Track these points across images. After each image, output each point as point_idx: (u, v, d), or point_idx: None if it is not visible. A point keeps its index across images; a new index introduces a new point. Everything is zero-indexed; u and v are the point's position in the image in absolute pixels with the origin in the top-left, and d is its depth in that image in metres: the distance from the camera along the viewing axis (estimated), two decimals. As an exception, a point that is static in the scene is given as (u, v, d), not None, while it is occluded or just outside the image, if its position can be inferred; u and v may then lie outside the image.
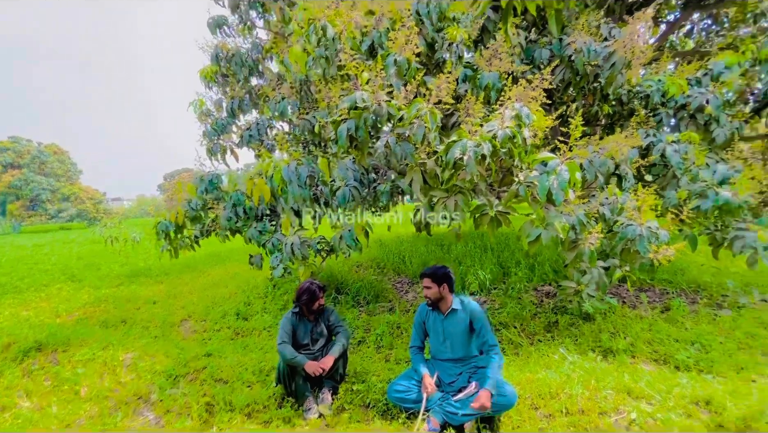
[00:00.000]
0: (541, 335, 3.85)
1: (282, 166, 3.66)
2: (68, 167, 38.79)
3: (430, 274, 2.73)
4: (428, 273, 2.75)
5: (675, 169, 3.87)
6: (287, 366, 2.84)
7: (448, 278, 2.73)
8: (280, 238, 4.61)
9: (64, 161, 38.66)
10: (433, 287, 2.70)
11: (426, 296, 2.74)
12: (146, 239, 5.56)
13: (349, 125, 2.80)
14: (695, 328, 3.62)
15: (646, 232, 3.23)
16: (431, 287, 2.71)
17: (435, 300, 2.73)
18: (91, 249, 12.61)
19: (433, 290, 2.71)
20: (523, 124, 2.83)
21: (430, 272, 2.74)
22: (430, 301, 2.74)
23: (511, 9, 2.55)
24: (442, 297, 2.72)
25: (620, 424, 2.36)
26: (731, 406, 2.37)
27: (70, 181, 38.38)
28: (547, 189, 2.75)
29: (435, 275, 2.71)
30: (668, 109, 4.21)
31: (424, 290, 2.75)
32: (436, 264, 2.84)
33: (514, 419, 2.50)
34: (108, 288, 6.87)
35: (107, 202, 40.87)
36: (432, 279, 2.71)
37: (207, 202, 5.28)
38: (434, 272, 2.73)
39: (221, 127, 5.67)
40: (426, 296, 2.74)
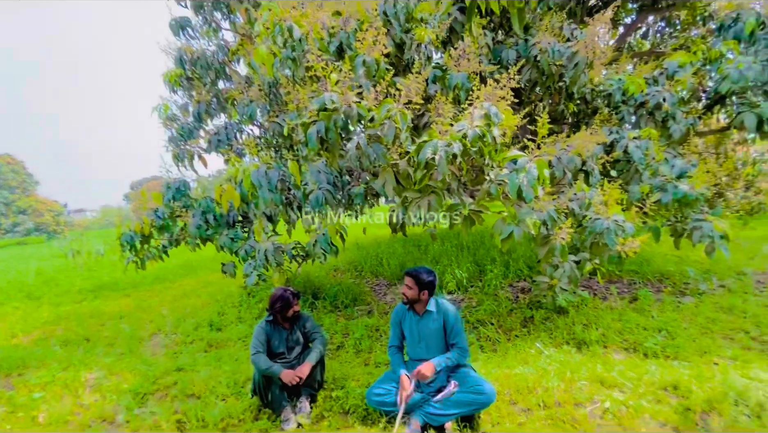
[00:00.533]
0: (518, 330, 3.91)
1: (251, 171, 3.56)
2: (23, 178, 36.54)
3: (415, 276, 2.66)
4: (413, 274, 2.68)
5: (637, 165, 4.03)
6: (263, 376, 2.74)
7: (432, 285, 2.68)
8: (253, 244, 4.48)
9: (18, 172, 36.39)
10: (414, 289, 2.66)
11: (404, 293, 2.70)
12: (111, 251, 5.28)
13: (319, 127, 2.75)
14: (661, 316, 3.77)
15: (613, 225, 3.34)
16: (412, 289, 2.66)
17: (412, 301, 2.71)
18: (51, 264, 11.90)
19: (413, 291, 2.66)
20: (492, 123, 2.86)
21: (416, 274, 2.67)
22: (407, 300, 2.72)
23: (474, 8, 2.57)
24: (420, 300, 2.70)
25: (595, 414, 2.41)
26: (697, 389, 2.48)
27: (26, 193, 36.15)
28: (518, 186, 2.80)
29: (419, 279, 2.65)
30: (629, 107, 4.38)
31: (404, 287, 2.70)
32: (424, 266, 2.77)
33: (493, 416, 2.51)
34: (69, 305, 6.49)
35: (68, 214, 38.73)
36: (416, 281, 2.65)
37: (175, 210, 5.07)
38: (419, 275, 2.66)
39: (188, 132, 5.48)
40: (404, 293, 2.70)
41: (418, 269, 2.71)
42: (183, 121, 5.56)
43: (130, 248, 4.83)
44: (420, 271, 2.70)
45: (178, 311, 5.54)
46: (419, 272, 2.69)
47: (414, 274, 2.68)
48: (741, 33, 4.26)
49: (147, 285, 7.52)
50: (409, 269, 2.73)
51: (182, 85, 5.54)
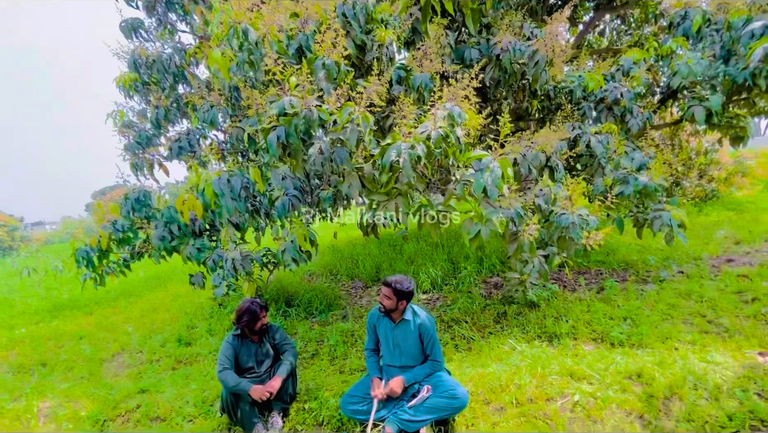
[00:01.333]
0: (492, 327, 3.94)
1: (213, 179, 3.43)
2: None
3: (393, 287, 2.56)
4: (391, 284, 2.57)
5: (600, 159, 4.15)
6: (231, 394, 2.64)
7: (410, 295, 2.61)
8: (221, 254, 4.32)
9: (-33, 185, 33.96)
10: (392, 300, 2.58)
11: (381, 302, 2.65)
12: (70, 267, 4.98)
13: (279, 133, 2.67)
14: (626, 304, 3.90)
15: (578, 219, 3.42)
16: (391, 299, 2.58)
17: (389, 310, 2.65)
18: (6, 283, 11.13)
19: (391, 301, 2.59)
20: (455, 124, 2.86)
21: (393, 285, 2.57)
22: (384, 309, 2.66)
23: (429, 9, 2.56)
24: (397, 309, 2.64)
25: (565, 407, 2.45)
26: (659, 376, 2.56)
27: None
28: (483, 186, 2.81)
29: (398, 290, 2.56)
30: (589, 103, 4.50)
31: (381, 296, 2.63)
32: (402, 275, 2.66)
33: (467, 417, 2.51)
34: (25, 327, 6.07)
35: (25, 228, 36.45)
36: (394, 292, 2.57)
37: (135, 221, 4.83)
38: (397, 287, 2.56)
39: (146, 139, 5.23)
40: (381, 302, 2.65)
41: (396, 279, 2.60)
42: (140, 128, 5.29)
43: (87, 263, 4.56)
44: (398, 280, 2.59)
45: (144, 327, 5.29)
46: (397, 282, 2.57)
47: (391, 284, 2.58)
48: (689, 30, 4.45)
49: (111, 301, 7.14)
50: (388, 279, 2.61)
51: (138, 91, 5.27)
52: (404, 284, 2.58)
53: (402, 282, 2.58)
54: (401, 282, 2.58)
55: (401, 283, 2.58)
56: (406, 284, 2.59)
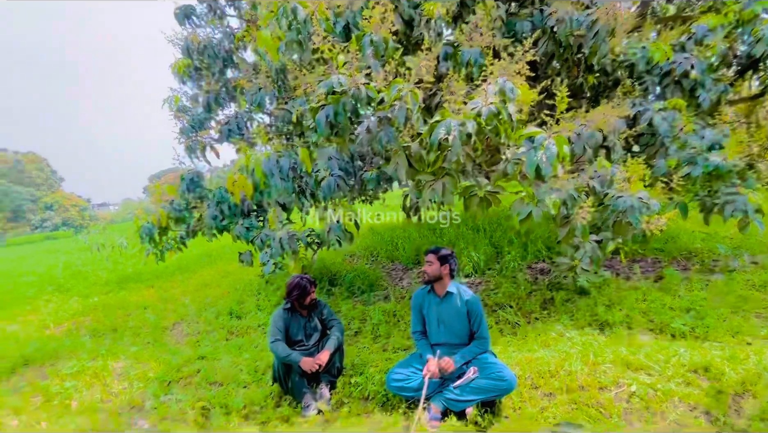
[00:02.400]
0: (538, 312, 3.83)
1: (262, 160, 3.53)
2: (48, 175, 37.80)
3: (435, 251, 2.74)
4: (434, 250, 2.75)
5: (663, 138, 3.82)
6: (282, 364, 2.77)
7: (453, 259, 2.73)
8: (268, 233, 4.50)
9: (43, 169, 37.64)
10: (435, 264, 2.69)
11: (425, 271, 2.72)
12: (133, 244, 5.40)
13: (328, 112, 2.68)
14: (689, 295, 3.63)
15: (637, 203, 3.19)
16: (433, 264, 2.69)
17: (433, 278, 2.70)
18: (79, 257, 12.33)
19: (435, 266, 2.69)
20: (507, 100, 2.74)
21: (435, 249, 2.75)
22: (428, 277, 2.70)
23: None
24: (441, 277, 2.68)
25: (621, 397, 2.35)
26: (729, 371, 2.37)
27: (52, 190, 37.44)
28: (536, 165, 2.68)
29: (439, 253, 2.71)
30: (653, 77, 4.13)
31: (425, 265, 2.73)
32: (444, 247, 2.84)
33: (515, 401, 2.48)
34: (97, 296, 6.71)
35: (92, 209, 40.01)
36: (436, 256, 2.70)
37: (190, 201, 5.12)
38: (439, 250, 2.73)
39: (199, 123, 5.48)
40: (425, 271, 2.72)
41: (437, 246, 2.79)
42: (193, 112, 5.55)
43: (149, 240, 4.92)
44: (439, 247, 2.77)
45: (199, 300, 5.66)
46: (438, 247, 2.76)
47: (434, 250, 2.75)
48: (778, -10, 3.92)
49: (168, 276, 7.70)
50: (428, 248, 2.81)
51: (191, 76, 5.51)
52: (444, 249, 2.76)
53: (442, 248, 2.77)
54: (441, 248, 2.77)
55: (441, 248, 2.75)
56: (446, 249, 2.76)
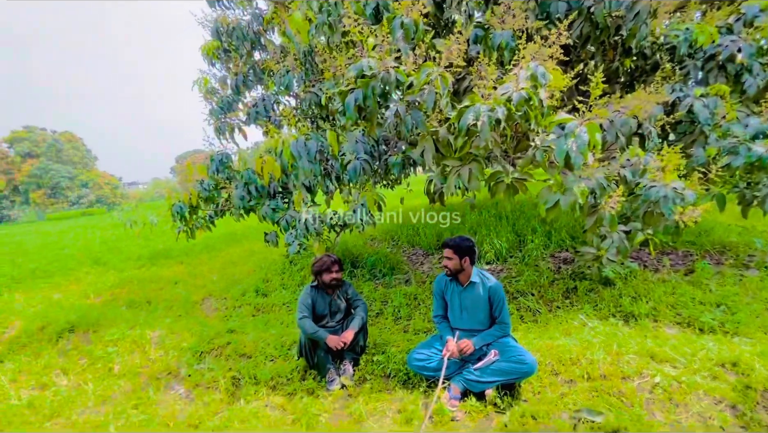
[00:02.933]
0: (560, 301, 3.81)
1: (290, 142, 3.60)
2: (83, 154, 39.45)
3: (453, 245, 2.65)
4: (451, 244, 2.66)
5: (703, 126, 3.65)
6: (309, 340, 2.89)
7: (472, 251, 2.65)
8: (294, 215, 4.61)
9: (78, 148, 39.28)
10: (455, 259, 2.64)
11: (446, 266, 2.69)
12: (163, 221, 5.64)
13: (357, 95, 2.70)
14: (720, 290, 3.52)
15: (671, 193, 3.09)
16: (452, 259, 2.64)
17: (455, 271, 2.69)
18: (113, 233, 12.96)
19: (454, 261, 2.65)
20: (539, 85, 2.68)
21: (453, 244, 2.65)
22: (450, 272, 2.70)
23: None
24: (463, 269, 2.67)
25: (643, 387, 2.34)
26: (760, 367, 2.32)
27: (87, 168, 39.14)
28: (565, 152, 2.63)
29: (458, 247, 2.63)
30: (696, 61, 3.93)
31: (444, 260, 2.68)
32: (460, 235, 2.74)
33: (534, 386, 2.51)
34: (131, 270, 7.09)
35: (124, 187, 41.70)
36: (454, 251, 2.64)
37: (219, 182, 5.28)
38: (458, 244, 2.64)
39: (227, 104, 5.59)
40: (446, 266, 2.69)
41: (454, 238, 2.70)
42: (222, 94, 5.66)
43: (180, 217, 5.13)
44: (456, 240, 2.68)
45: (226, 277, 5.90)
46: (456, 241, 2.67)
47: (451, 244, 2.67)
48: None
49: (197, 253, 8.03)
50: (446, 240, 2.72)
51: (220, 58, 5.60)
52: (462, 241, 2.64)
53: (460, 240, 2.66)
54: (458, 240, 2.66)
55: (459, 240, 2.65)
56: (464, 241, 2.65)
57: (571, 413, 2.23)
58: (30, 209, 33.76)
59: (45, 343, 3.87)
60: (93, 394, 3.02)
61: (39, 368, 3.48)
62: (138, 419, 2.56)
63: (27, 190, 35.51)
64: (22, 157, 36.29)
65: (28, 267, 8.11)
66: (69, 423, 2.66)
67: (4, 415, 2.81)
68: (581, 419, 2.15)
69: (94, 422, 2.61)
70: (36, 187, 35.60)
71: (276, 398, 2.73)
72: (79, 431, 2.55)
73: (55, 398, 3.00)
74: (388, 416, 2.45)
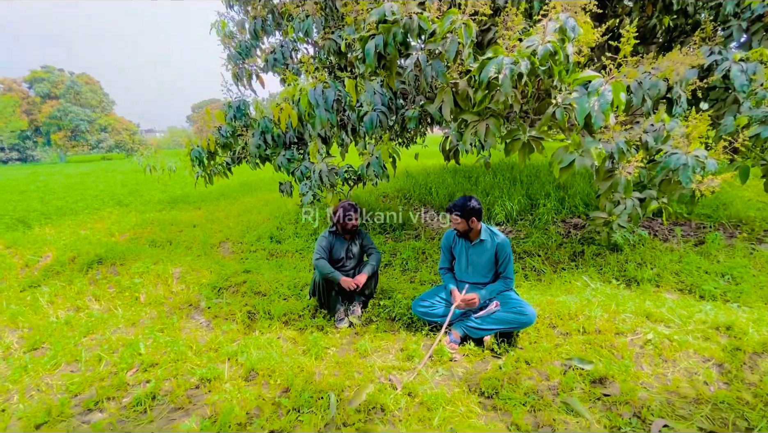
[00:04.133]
0: (565, 263, 3.89)
1: (309, 90, 3.58)
2: (101, 98, 39.51)
3: (458, 209, 2.68)
4: (455, 208, 2.70)
5: (737, 93, 3.48)
6: (323, 280, 3.06)
7: (477, 210, 2.68)
8: (309, 166, 4.68)
9: (96, 92, 39.30)
10: (462, 222, 2.70)
11: (456, 229, 2.76)
12: (182, 168, 5.77)
13: (378, 41, 2.65)
14: (728, 261, 3.54)
15: (692, 161, 3.03)
16: (460, 222, 2.70)
17: (465, 232, 2.76)
18: (133, 177, 13.32)
19: (462, 224, 2.71)
20: (567, 39, 2.58)
21: (458, 208, 2.68)
22: (460, 233, 2.78)
23: None
24: (471, 229, 2.73)
25: (635, 343, 2.46)
26: (753, 332, 2.40)
27: (105, 112, 39.38)
28: (587, 112, 2.58)
29: (463, 210, 2.66)
30: (741, 21, 3.67)
31: (452, 224, 2.75)
32: (462, 195, 2.76)
33: (531, 336, 2.65)
34: (152, 213, 7.38)
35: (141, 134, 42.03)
36: (460, 215, 2.68)
37: (236, 129, 5.33)
38: (462, 207, 2.67)
39: (245, 50, 5.49)
40: (456, 229, 2.76)
41: (456, 203, 2.71)
42: (240, 38, 5.55)
43: (199, 162, 5.25)
44: (459, 203, 2.69)
45: (241, 224, 6.12)
46: (459, 204, 2.68)
47: (455, 208, 2.69)
48: None
49: (213, 200, 8.27)
50: (449, 206, 2.73)
51: (238, 0, 5.43)
52: (466, 203, 2.66)
53: (462, 203, 2.67)
54: (462, 203, 2.67)
55: (462, 204, 2.66)
56: (467, 202, 2.66)
57: (563, 360, 2.38)
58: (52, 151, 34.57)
59: (76, 272, 4.17)
60: (122, 318, 3.30)
61: (72, 293, 3.78)
62: (164, 340, 2.82)
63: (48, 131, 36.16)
64: (42, 98, 36.60)
65: (55, 205, 8.50)
66: (104, 339, 2.94)
67: (46, 330, 3.12)
68: (572, 367, 2.30)
69: (126, 340, 2.88)
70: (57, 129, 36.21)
71: (288, 332, 2.95)
72: (112, 347, 2.83)
73: (89, 319, 3.29)
74: (391, 353, 2.64)
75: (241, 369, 2.49)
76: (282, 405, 2.12)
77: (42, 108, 36.24)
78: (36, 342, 2.98)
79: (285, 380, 2.33)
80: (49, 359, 2.70)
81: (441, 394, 2.13)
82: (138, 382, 2.43)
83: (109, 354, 2.74)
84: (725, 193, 5.12)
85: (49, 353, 2.78)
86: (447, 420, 1.97)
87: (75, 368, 2.65)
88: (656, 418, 1.90)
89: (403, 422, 1.97)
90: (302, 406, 2.10)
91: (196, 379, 2.41)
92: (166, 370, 2.50)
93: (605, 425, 1.88)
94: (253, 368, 2.48)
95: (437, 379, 2.34)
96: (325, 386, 2.25)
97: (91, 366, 2.64)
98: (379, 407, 2.08)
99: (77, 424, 2.09)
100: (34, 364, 2.66)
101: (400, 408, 2.07)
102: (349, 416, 2.01)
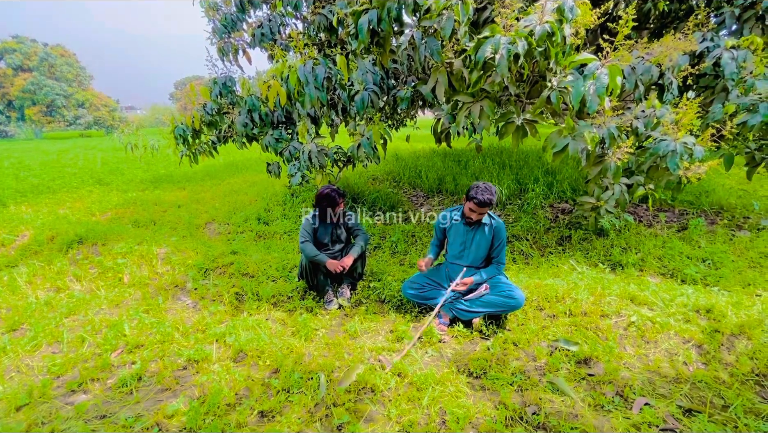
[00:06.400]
0: (553, 248, 3.94)
1: (298, 66, 3.46)
2: (78, 71, 37.72)
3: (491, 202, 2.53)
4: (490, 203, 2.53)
5: (727, 81, 3.51)
6: (309, 263, 3.02)
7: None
8: (297, 146, 4.58)
9: (72, 65, 37.46)
10: (484, 213, 2.60)
11: (469, 217, 2.63)
12: (165, 146, 5.59)
13: (371, 16, 2.55)
14: (709, 247, 3.64)
15: (681, 148, 3.06)
16: (483, 213, 2.59)
17: (478, 219, 2.67)
18: (114, 156, 12.87)
19: (483, 215, 2.62)
20: (565, 19, 2.53)
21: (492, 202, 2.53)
22: (472, 221, 2.68)
23: None
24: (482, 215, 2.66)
25: (619, 325, 2.52)
26: (731, 315, 2.48)
27: (82, 87, 37.67)
28: (582, 95, 2.56)
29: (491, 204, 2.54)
30: (734, 8, 3.67)
31: (476, 214, 2.59)
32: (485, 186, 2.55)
33: (519, 318, 2.69)
34: (134, 192, 7.17)
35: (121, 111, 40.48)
36: (490, 207, 2.56)
37: (222, 106, 5.15)
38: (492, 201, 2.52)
39: (231, 23, 5.27)
40: (469, 217, 2.63)
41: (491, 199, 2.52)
42: (226, 10, 5.31)
43: (183, 141, 5.08)
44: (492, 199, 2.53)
45: (228, 205, 5.99)
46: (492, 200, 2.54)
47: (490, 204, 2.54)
48: None
49: (198, 180, 8.07)
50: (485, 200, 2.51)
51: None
52: (494, 194, 2.56)
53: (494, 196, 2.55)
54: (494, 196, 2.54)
55: (494, 197, 2.55)
56: (495, 193, 2.56)
57: (550, 342, 2.43)
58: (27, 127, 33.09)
59: (56, 252, 4.03)
60: (105, 298, 3.22)
61: (52, 273, 3.67)
62: (149, 321, 2.77)
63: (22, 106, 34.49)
64: (14, 70, 34.75)
65: (30, 182, 8.18)
66: (86, 320, 2.87)
67: (25, 310, 3.02)
68: (558, 348, 2.35)
69: (110, 321, 2.82)
70: (31, 104, 34.55)
71: (277, 313, 2.93)
72: (95, 328, 2.77)
73: (71, 299, 3.20)
74: (380, 335, 2.65)
75: (229, 350, 2.47)
76: (271, 386, 2.11)
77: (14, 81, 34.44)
78: (15, 323, 2.89)
79: (274, 361, 2.32)
80: (29, 340, 2.63)
81: (430, 374, 2.15)
82: (123, 363, 2.38)
83: (93, 335, 2.68)
84: (708, 181, 5.24)
85: (29, 334, 2.71)
86: (436, 400, 1.99)
87: (57, 350, 2.58)
88: (638, 396, 1.96)
89: (392, 402, 1.99)
90: (292, 386, 2.09)
91: (183, 360, 2.38)
92: (152, 351, 2.46)
93: (589, 404, 1.94)
94: (241, 349, 2.46)
95: (426, 360, 2.36)
96: (315, 366, 2.25)
97: (74, 347, 2.58)
98: (369, 388, 2.09)
99: (60, 405, 2.05)
100: (13, 345, 2.58)
101: (389, 388, 2.08)
102: (339, 396, 2.02)
